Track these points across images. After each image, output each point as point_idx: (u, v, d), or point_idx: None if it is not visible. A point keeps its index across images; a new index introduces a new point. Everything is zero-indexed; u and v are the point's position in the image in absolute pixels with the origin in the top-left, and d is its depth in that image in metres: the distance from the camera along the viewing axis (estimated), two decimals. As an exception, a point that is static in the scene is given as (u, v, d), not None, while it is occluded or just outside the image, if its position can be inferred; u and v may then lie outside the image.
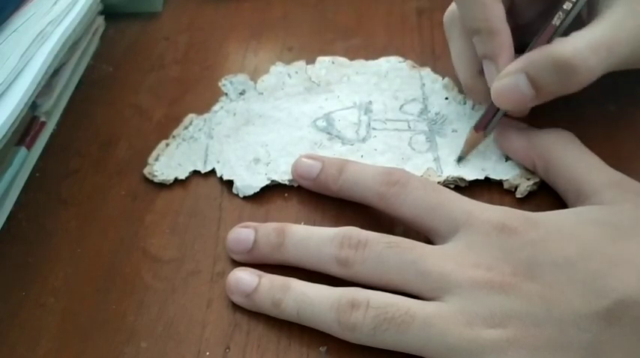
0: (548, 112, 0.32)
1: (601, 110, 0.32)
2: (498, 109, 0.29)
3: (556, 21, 0.27)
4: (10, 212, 0.31)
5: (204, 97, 0.36)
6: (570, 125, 0.29)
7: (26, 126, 0.33)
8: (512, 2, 0.30)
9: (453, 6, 0.32)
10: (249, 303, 0.26)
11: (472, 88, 0.31)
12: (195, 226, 0.30)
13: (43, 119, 0.34)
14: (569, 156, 0.27)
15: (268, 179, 0.31)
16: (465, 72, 0.31)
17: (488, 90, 0.29)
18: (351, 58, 0.37)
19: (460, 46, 0.31)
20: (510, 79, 0.27)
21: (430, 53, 0.37)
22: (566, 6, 0.27)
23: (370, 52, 0.37)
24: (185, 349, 0.25)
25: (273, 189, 0.31)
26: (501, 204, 0.26)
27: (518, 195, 0.29)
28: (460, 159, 0.30)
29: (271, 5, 0.43)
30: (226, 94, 0.36)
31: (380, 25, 0.40)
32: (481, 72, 0.30)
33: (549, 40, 0.27)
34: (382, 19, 0.40)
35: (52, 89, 0.35)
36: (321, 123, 0.33)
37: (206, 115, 0.35)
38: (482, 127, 0.30)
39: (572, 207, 0.26)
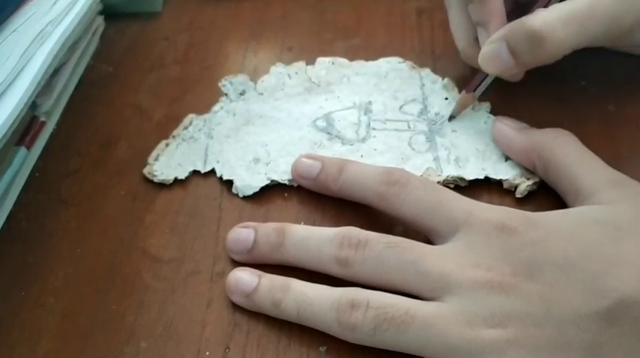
0: (549, 112, 0.32)
1: (601, 110, 0.32)
2: (488, 74, 0.31)
3: None
4: (10, 212, 0.31)
5: (204, 97, 0.36)
6: (570, 125, 0.29)
7: (26, 126, 0.33)
8: None
9: None
10: (249, 303, 0.26)
11: (469, 54, 0.33)
12: (195, 226, 0.30)
13: (42, 119, 0.34)
14: (569, 156, 0.27)
15: (268, 179, 0.31)
16: (461, 39, 0.33)
17: None
18: (351, 59, 0.37)
19: (458, 15, 0.33)
20: (493, 46, 0.29)
21: (430, 53, 0.37)
22: None
23: (370, 52, 0.37)
24: (185, 349, 0.25)
25: (273, 189, 0.31)
26: (501, 204, 0.26)
27: (518, 195, 0.29)
28: (451, 118, 0.32)
29: (271, 5, 0.43)
30: (226, 95, 0.36)
31: (380, 25, 0.40)
32: (477, 39, 0.31)
33: None
34: (382, 19, 0.40)
35: (52, 89, 0.35)
36: (321, 124, 0.33)
37: (206, 115, 0.35)
38: (471, 89, 0.31)
39: (572, 206, 0.26)
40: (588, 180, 0.26)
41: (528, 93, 0.34)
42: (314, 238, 0.26)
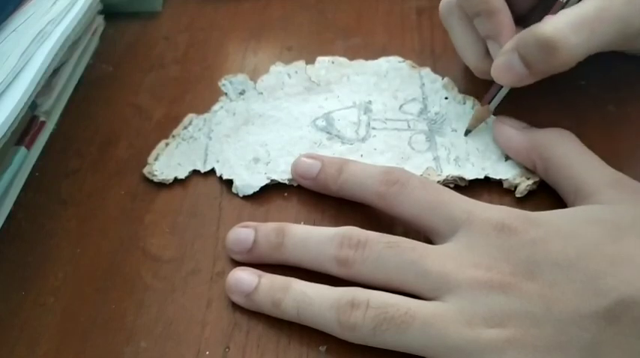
0: (549, 112, 0.32)
1: (601, 110, 0.32)
2: (502, 86, 0.30)
3: None
4: (10, 212, 0.31)
5: (204, 97, 0.36)
6: (570, 125, 0.29)
7: (26, 126, 0.33)
8: None
9: None
10: (249, 303, 0.26)
11: (482, 69, 0.31)
12: (195, 226, 0.30)
13: (42, 119, 0.34)
14: (568, 155, 0.27)
15: (268, 178, 0.31)
16: (471, 56, 0.32)
17: None
18: (351, 58, 0.37)
19: (462, 32, 0.32)
20: (505, 57, 0.28)
21: (430, 52, 0.37)
22: None
23: (370, 51, 0.37)
24: (185, 349, 0.25)
25: (272, 189, 0.31)
26: (501, 204, 0.26)
27: (517, 195, 0.29)
28: (467, 133, 0.31)
29: (271, 5, 0.43)
30: (226, 94, 0.36)
31: (379, 24, 0.40)
32: (487, 53, 0.31)
33: None
34: (382, 19, 0.40)
35: (52, 89, 0.35)
36: (321, 123, 0.33)
37: (206, 115, 0.35)
38: (486, 101, 0.31)
39: (572, 206, 0.26)
40: (588, 179, 0.26)
41: (528, 93, 0.34)
42: (314, 238, 0.26)
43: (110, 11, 0.42)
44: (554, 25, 0.27)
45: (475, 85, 0.33)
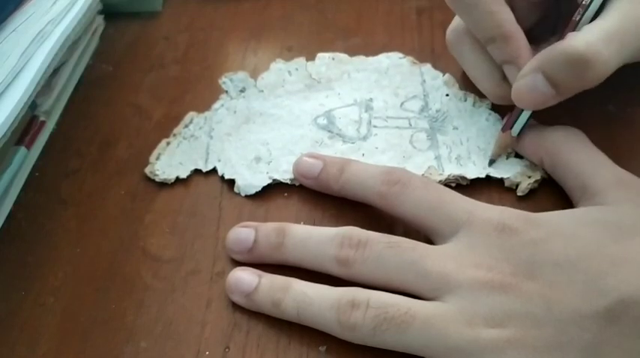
0: (548, 112, 0.32)
1: (601, 110, 0.32)
2: (523, 110, 0.29)
3: (576, 16, 0.27)
4: (10, 212, 0.31)
5: (204, 97, 0.36)
6: (570, 125, 0.29)
7: (26, 126, 0.33)
8: (513, 9, 0.29)
9: (454, 23, 0.32)
10: (249, 303, 0.26)
11: (500, 94, 0.30)
12: (195, 226, 0.30)
13: (42, 118, 0.34)
14: (577, 152, 0.27)
15: (270, 178, 0.31)
16: (488, 82, 0.31)
17: None
18: (351, 55, 0.37)
19: (475, 59, 0.31)
20: (528, 79, 0.27)
21: (430, 52, 0.37)
22: (585, 1, 0.27)
23: (370, 51, 0.37)
24: (184, 349, 0.25)
25: (273, 188, 0.31)
26: (502, 202, 0.26)
27: (519, 193, 0.29)
28: (491, 163, 0.30)
29: (271, 5, 0.43)
30: (226, 92, 0.36)
31: (379, 24, 0.40)
32: (504, 78, 0.30)
33: None
34: (382, 19, 0.40)
35: (52, 88, 0.35)
36: (322, 121, 0.33)
37: (206, 113, 0.35)
38: (508, 127, 0.29)
39: (578, 204, 0.26)
40: (595, 177, 0.26)
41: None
42: (314, 238, 0.26)
43: (110, 11, 0.42)
44: (585, 40, 0.25)
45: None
